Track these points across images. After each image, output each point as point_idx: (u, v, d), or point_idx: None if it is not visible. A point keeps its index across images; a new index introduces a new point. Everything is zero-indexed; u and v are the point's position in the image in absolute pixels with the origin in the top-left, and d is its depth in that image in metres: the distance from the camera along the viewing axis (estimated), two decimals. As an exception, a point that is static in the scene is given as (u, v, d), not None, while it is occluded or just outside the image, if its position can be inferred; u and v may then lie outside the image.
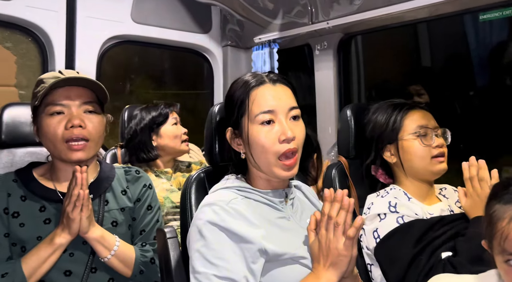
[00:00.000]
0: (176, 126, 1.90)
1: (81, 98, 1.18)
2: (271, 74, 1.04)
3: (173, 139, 1.87)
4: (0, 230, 1.12)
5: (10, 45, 2.47)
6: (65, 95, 1.16)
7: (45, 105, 1.16)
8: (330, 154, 1.91)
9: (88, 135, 1.16)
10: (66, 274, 1.13)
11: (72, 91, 1.17)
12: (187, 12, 2.86)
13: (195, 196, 1.15)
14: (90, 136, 1.17)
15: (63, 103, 1.15)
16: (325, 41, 2.27)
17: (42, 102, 1.15)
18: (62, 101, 1.15)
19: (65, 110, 1.16)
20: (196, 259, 0.89)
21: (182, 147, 1.90)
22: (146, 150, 1.84)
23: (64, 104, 1.16)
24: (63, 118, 1.15)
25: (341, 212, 0.90)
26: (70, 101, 1.16)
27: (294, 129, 0.98)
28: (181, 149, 1.90)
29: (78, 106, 1.17)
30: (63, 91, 1.16)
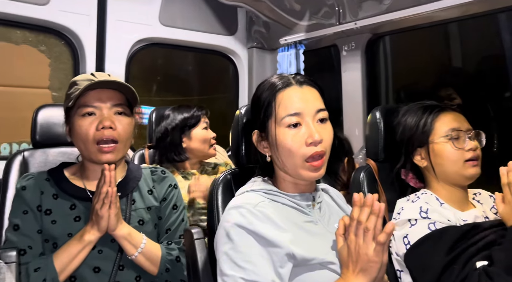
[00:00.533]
0: (207, 130, 1.91)
1: (112, 100, 1.21)
2: (298, 76, 1.02)
3: (203, 143, 1.88)
4: (34, 226, 1.16)
5: (45, 49, 2.57)
6: (97, 97, 1.19)
7: (77, 107, 1.19)
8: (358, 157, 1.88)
9: (118, 136, 1.19)
10: (95, 270, 1.16)
11: (104, 93, 1.20)
12: (213, 14, 2.89)
13: (222, 197, 1.15)
14: (119, 138, 1.20)
15: (95, 105, 1.19)
16: (353, 42, 2.24)
17: (75, 103, 1.19)
18: (94, 103, 1.19)
19: (97, 112, 1.19)
20: (223, 261, 0.89)
21: (210, 151, 1.92)
22: (176, 151, 1.85)
23: (96, 106, 1.19)
24: (95, 120, 1.18)
25: (371, 217, 0.87)
26: (102, 103, 1.19)
27: (322, 132, 0.96)
28: (209, 153, 1.92)
29: (109, 108, 1.20)
30: (95, 94, 1.19)
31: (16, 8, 2.26)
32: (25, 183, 1.20)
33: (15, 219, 1.16)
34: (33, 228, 1.16)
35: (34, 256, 1.13)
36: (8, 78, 2.50)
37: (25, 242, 1.14)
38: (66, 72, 2.61)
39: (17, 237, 1.14)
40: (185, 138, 1.87)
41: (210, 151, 1.91)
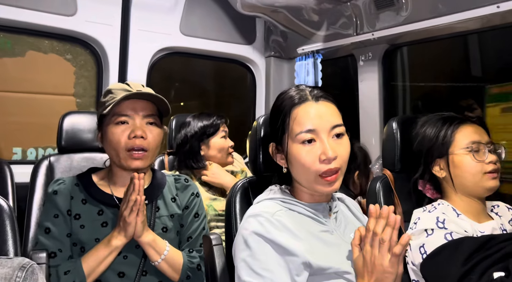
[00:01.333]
0: (225, 139, 1.95)
1: (145, 111, 1.25)
2: (315, 90, 1.03)
3: (220, 152, 1.92)
4: (64, 230, 1.20)
5: (70, 57, 2.66)
6: (131, 107, 1.23)
7: (112, 115, 1.23)
8: (374, 167, 1.88)
9: (148, 146, 1.23)
10: (120, 275, 1.20)
11: (138, 104, 1.24)
12: (232, 24, 2.94)
13: (240, 205, 1.18)
14: (149, 147, 1.24)
15: (128, 114, 1.23)
16: (370, 52, 2.25)
17: (109, 111, 1.23)
18: (128, 112, 1.23)
19: (130, 121, 1.23)
20: (241, 268, 0.92)
21: (228, 159, 1.96)
22: (195, 158, 1.89)
23: (129, 115, 1.23)
24: (127, 128, 1.23)
25: (387, 229, 0.89)
26: (135, 113, 1.24)
27: (337, 148, 0.97)
28: (226, 161, 1.96)
29: (141, 118, 1.24)
30: (129, 103, 1.23)
31: (45, 19, 2.35)
32: (57, 188, 1.24)
33: (47, 222, 1.21)
34: (63, 231, 1.20)
35: (64, 259, 1.17)
36: (36, 85, 2.61)
37: (55, 245, 1.18)
38: (90, 80, 2.69)
39: (48, 240, 1.18)
40: (204, 146, 1.91)
41: (227, 159, 1.96)
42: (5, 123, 2.51)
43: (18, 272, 0.79)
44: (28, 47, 2.54)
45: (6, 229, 0.97)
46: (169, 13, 2.75)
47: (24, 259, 0.83)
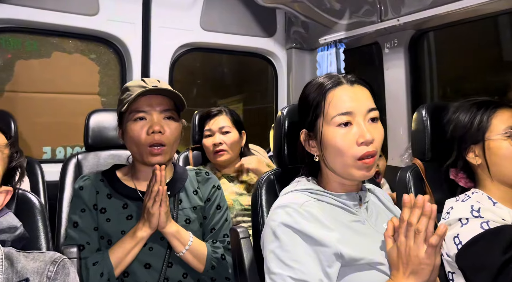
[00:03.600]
0: (208, 138, 1.88)
1: (162, 106, 1.26)
2: (349, 75, 1.02)
3: (207, 152, 1.92)
4: (91, 223, 1.23)
5: (94, 57, 2.71)
6: (147, 103, 1.25)
7: (130, 112, 1.26)
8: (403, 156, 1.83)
9: (166, 140, 1.25)
10: (146, 267, 1.22)
11: (154, 99, 1.26)
12: (252, 17, 2.92)
13: (266, 197, 1.17)
14: (167, 141, 1.25)
15: (145, 110, 1.25)
16: (395, 39, 2.19)
17: (127, 108, 1.25)
18: (145, 108, 1.25)
19: (147, 117, 1.25)
20: (271, 260, 0.90)
21: (214, 158, 1.88)
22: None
23: (147, 111, 1.25)
24: (145, 124, 1.24)
25: (422, 219, 0.85)
26: (152, 109, 1.25)
27: (373, 131, 0.95)
28: (213, 160, 1.90)
29: (159, 113, 1.26)
30: (146, 99, 1.25)
31: (69, 20, 2.40)
32: (82, 183, 1.28)
33: (74, 216, 1.24)
34: (90, 225, 1.23)
35: (92, 251, 1.21)
36: (63, 85, 2.67)
37: (83, 238, 1.21)
38: (114, 78, 2.74)
39: (76, 233, 1.22)
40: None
41: (213, 158, 1.88)
42: (35, 123, 2.59)
43: (50, 266, 0.80)
44: (53, 48, 2.60)
45: (38, 224, 0.99)
46: (189, 9, 2.76)
47: (55, 253, 0.84)
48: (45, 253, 0.84)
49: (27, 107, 2.55)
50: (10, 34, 2.47)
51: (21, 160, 0.89)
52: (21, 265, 0.79)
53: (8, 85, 2.53)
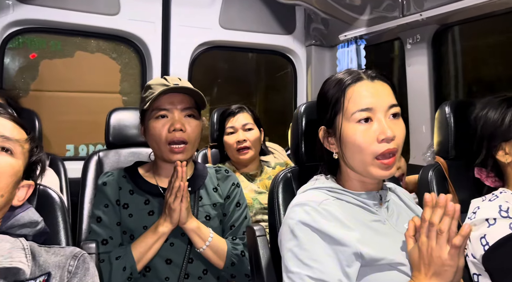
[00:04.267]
0: (231, 135, 1.87)
1: (183, 104, 1.27)
2: (369, 70, 0.99)
3: (229, 149, 1.90)
4: (114, 218, 1.25)
5: (116, 56, 2.76)
6: (169, 101, 1.26)
7: (152, 110, 1.27)
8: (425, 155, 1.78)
9: (187, 138, 1.26)
10: (167, 262, 1.23)
11: (175, 97, 1.27)
12: (271, 14, 2.91)
13: (282, 195, 1.16)
14: (188, 139, 1.27)
15: (167, 108, 1.26)
16: (418, 34, 2.12)
17: (149, 106, 1.27)
18: (167, 106, 1.26)
19: (169, 115, 1.26)
20: (288, 258, 0.89)
21: (237, 156, 1.86)
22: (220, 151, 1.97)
23: (168, 109, 1.26)
24: (167, 122, 1.26)
25: (445, 219, 0.82)
26: (173, 107, 1.26)
27: (394, 128, 0.92)
28: (237, 158, 1.88)
29: (180, 111, 1.27)
30: (167, 98, 1.26)
31: (91, 19, 2.45)
32: (106, 179, 1.30)
33: (98, 211, 1.27)
34: (113, 220, 1.25)
35: (115, 246, 1.23)
36: (85, 84, 2.73)
37: (107, 233, 1.24)
38: (134, 77, 2.78)
39: (100, 228, 1.24)
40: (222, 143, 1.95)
41: (236, 156, 1.87)
42: (59, 122, 2.65)
43: (70, 260, 0.81)
44: (76, 48, 2.66)
45: (58, 220, 1.01)
46: (208, 7, 2.77)
47: (75, 248, 0.85)
48: (65, 248, 0.85)
49: (51, 106, 2.62)
50: (35, 34, 2.54)
51: (41, 155, 0.90)
52: (43, 259, 0.81)
53: (33, 84, 2.60)
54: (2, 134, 0.81)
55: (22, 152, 0.84)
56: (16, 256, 0.77)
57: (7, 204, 0.82)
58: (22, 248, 0.80)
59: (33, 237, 0.90)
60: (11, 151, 0.81)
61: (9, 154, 0.81)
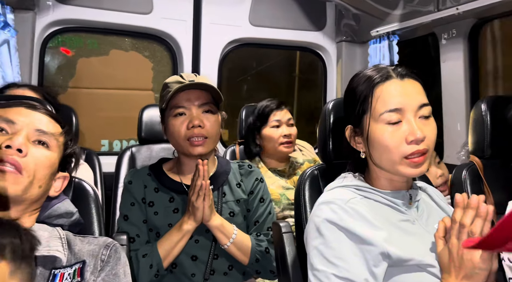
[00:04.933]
0: (276, 129, 1.89)
1: (200, 100, 1.28)
2: (399, 68, 0.96)
3: (270, 142, 1.89)
4: (140, 216, 1.28)
5: (148, 54, 2.83)
6: (186, 98, 1.27)
7: (170, 108, 1.29)
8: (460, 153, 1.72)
9: (206, 133, 1.27)
10: (193, 258, 1.25)
11: (192, 94, 1.28)
12: (301, 11, 2.88)
13: (309, 192, 1.15)
14: (208, 134, 1.27)
15: (184, 105, 1.27)
16: (454, 29, 2.04)
17: (167, 105, 1.29)
18: (184, 103, 1.27)
19: (187, 112, 1.28)
20: (314, 256, 0.89)
21: (280, 149, 1.88)
22: (249, 147, 1.96)
23: (185, 106, 1.27)
24: (185, 119, 1.27)
25: (477, 220, 0.79)
26: (191, 103, 1.27)
27: (424, 129, 0.89)
28: (280, 151, 1.89)
29: (197, 108, 1.28)
30: (184, 95, 1.27)
31: (126, 18, 2.53)
32: (131, 178, 1.33)
33: (125, 210, 1.29)
34: (139, 218, 1.27)
35: (142, 243, 1.25)
36: (119, 81, 2.82)
37: (133, 231, 1.26)
38: (166, 74, 2.84)
39: (127, 226, 1.27)
40: (258, 136, 1.93)
41: (280, 149, 1.88)
42: (94, 118, 2.75)
43: (103, 250, 0.85)
44: (111, 46, 2.75)
45: (92, 212, 1.05)
46: (238, 5, 2.78)
47: (108, 238, 0.89)
48: (98, 238, 0.89)
49: (87, 102, 2.73)
50: (73, 33, 2.65)
51: (75, 148, 0.94)
52: (78, 248, 0.85)
53: (71, 81, 2.72)
54: (39, 128, 0.85)
55: (57, 144, 0.88)
56: (53, 244, 0.82)
57: (44, 195, 0.87)
58: (59, 237, 0.84)
59: (68, 227, 0.95)
60: (47, 144, 0.86)
61: (45, 146, 0.85)
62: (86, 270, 0.81)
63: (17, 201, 0.80)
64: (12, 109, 0.86)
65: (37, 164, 0.82)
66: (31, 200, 0.82)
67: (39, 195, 0.84)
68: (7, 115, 0.84)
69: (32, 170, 0.81)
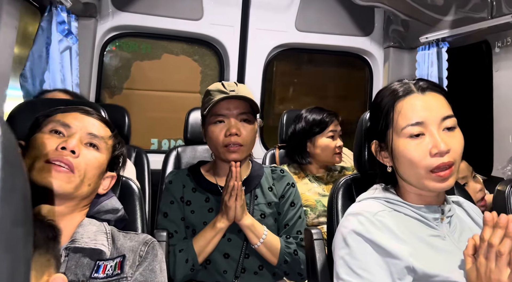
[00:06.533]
0: (332, 139, 1.90)
1: (238, 109, 1.35)
2: (421, 81, 0.96)
3: (324, 151, 1.89)
4: (178, 214, 1.37)
5: (197, 58, 2.95)
6: (225, 107, 1.34)
7: (210, 115, 1.36)
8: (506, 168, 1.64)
9: (242, 141, 1.34)
10: (225, 256, 1.33)
11: (232, 103, 1.35)
12: (349, 16, 2.87)
13: (342, 201, 1.16)
14: (243, 142, 1.34)
15: (224, 113, 1.35)
16: (509, 37, 1.95)
17: (209, 111, 1.36)
18: (224, 112, 1.35)
19: (225, 120, 1.35)
20: (340, 266, 0.91)
21: (333, 159, 1.90)
22: (300, 154, 1.93)
23: (225, 115, 1.35)
24: (224, 127, 1.34)
25: (506, 240, 0.78)
26: (229, 112, 1.34)
27: (449, 141, 0.89)
28: (331, 161, 1.91)
29: (235, 117, 1.35)
30: (224, 104, 1.34)
31: (177, 24, 2.66)
32: (171, 178, 1.43)
33: (165, 207, 1.39)
34: (178, 215, 1.37)
35: (179, 239, 1.34)
36: (170, 84, 2.97)
37: (172, 227, 1.35)
38: (213, 78, 2.95)
39: (166, 223, 1.36)
40: (309, 144, 1.92)
41: (332, 159, 1.90)
42: (146, 118, 2.92)
43: (142, 246, 0.93)
44: (163, 51, 2.90)
45: (136, 209, 1.13)
46: (285, 10, 2.82)
47: (147, 236, 0.97)
48: (139, 235, 0.97)
49: (139, 103, 2.90)
50: (129, 38, 2.83)
51: (123, 149, 1.03)
52: (120, 243, 0.93)
53: (126, 83, 2.90)
54: (91, 132, 0.94)
55: (107, 147, 0.97)
56: (100, 239, 0.91)
57: (93, 192, 0.96)
58: (105, 232, 0.94)
59: (114, 223, 1.04)
60: (97, 146, 0.95)
61: (95, 149, 0.95)
62: (126, 264, 0.89)
63: (69, 198, 0.89)
64: (69, 115, 0.96)
65: (87, 164, 0.91)
66: (81, 197, 0.91)
67: (88, 192, 0.93)
68: (64, 119, 0.94)
69: (83, 170, 0.89)
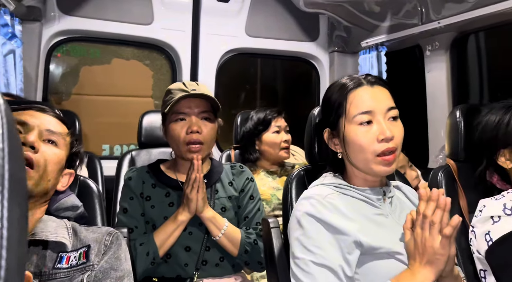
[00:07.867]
0: (277, 134, 2.01)
1: (199, 108, 1.39)
2: (369, 76, 1.07)
3: (271, 147, 2.00)
4: (138, 210, 1.39)
5: (149, 62, 2.95)
6: (187, 105, 1.38)
7: (171, 113, 1.39)
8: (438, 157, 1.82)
9: (203, 139, 1.38)
10: (186, 249, 1.35)
11: (193, 102, 1.38)
12: (296, 22, 3.01)
13: (295, 191, 1.25)
14: (204, 140, 1.38)
15: (185, 111, 1.38)
16: (437, 41, 2.17)
17: (169, 110, 1.39)
18: (185, 110, 1.38)
19: (187, 118, 1.38)
20: (295, 246, 0.99)
21: (281, 154, 2.01)
22: (249, 152, 2.06)
23: (186, 113, 1.38)
24: (185, 125, 1.38)
25: (437, 211, 0.90)
26: (190, 110, 1.38)
27: (393, 129, 1.00)
28: (279, 156, 2.01)
29: (197, 115, 1.38)
30: (185, 102, 1.38)
31: (127, 29, 2.65)
32: (131, 174, 1.44)
33: (124, 203, 1.40)
34: (137, 211, 1.38)
35: (139, 234, 1.36)
36: (120, 89, 2.93)
37: (132, 223, 1.36)
38: (165, 82, 2.95)
39: (126, 218, 1.38)
40: (258, 142, 2.03)
41: (280, 154, 2.00)
42: (96, 123, 2.86)
43: (106, 236, 0.95)
44: (113, 55, 2.87)
45: (96, 207, 1.15)
46: (235, 16, 2.90)
47: (110, 228, 1.00)
48: (101, 227, 0.99)
49: (89, 109, 2.83)
50: (78, 43, 2.76)
51: (80, 147, 1.05)
52: (83, 235, 0.95)
53: (74, 88, 2.83)
54: (48, 129, 0.96)
55: (65, 143, 0.99)
56: (61, 232, 0.92)
57: (53, 188, 0.97)
58: (65, 227, 0.95)
59: (74, 220, 1.05)
60: (55, 143, 0.96)
61: (54, 145, 0.96)
62: (91, 253, 0.91)
63: (29, 194, 0.90)
64: (24, 113, 0.96)
65: (47, 159, 0.92)
66: (41, 193, 0.92)
67: (48, 188, 0.94)
68: (20, 117, 0.94)
69: (43, 165, 0.91)
